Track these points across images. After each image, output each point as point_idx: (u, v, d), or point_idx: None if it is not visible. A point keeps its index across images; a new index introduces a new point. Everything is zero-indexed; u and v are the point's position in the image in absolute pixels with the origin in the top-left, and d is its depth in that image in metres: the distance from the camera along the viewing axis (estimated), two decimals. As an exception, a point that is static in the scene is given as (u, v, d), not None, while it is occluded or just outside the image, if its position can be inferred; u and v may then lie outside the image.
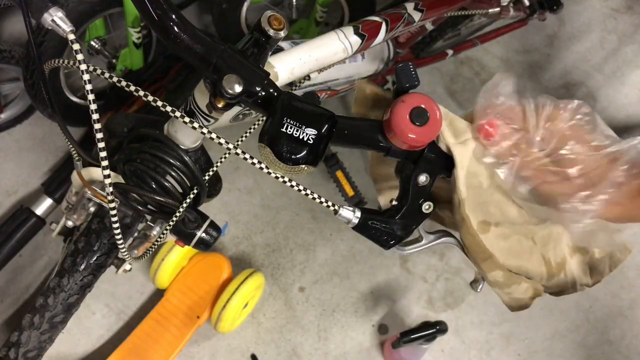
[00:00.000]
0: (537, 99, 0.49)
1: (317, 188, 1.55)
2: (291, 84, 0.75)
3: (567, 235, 0.54)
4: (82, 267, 0.92)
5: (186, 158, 0.68)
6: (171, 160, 0.68)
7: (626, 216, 0.46)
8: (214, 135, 0.47)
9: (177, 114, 0.48)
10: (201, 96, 0.60)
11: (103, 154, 0.50)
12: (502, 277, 0.53)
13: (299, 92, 0.82)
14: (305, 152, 0.45)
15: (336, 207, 0.49)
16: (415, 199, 0.51)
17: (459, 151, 0.49)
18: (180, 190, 0.70)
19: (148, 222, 0.85)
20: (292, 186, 0.49)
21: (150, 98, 0.48)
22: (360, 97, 0.56)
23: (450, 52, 1.39)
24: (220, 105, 0.48)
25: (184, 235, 0.80)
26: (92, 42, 1.36)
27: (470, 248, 0.53)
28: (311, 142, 0.45)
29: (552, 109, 0.48)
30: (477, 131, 0.50)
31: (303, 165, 0.46)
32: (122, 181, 0.71)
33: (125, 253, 0.71)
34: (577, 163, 0.47)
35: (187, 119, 0.47)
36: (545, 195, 0.48)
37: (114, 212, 0.58)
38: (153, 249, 0.81)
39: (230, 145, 0.47)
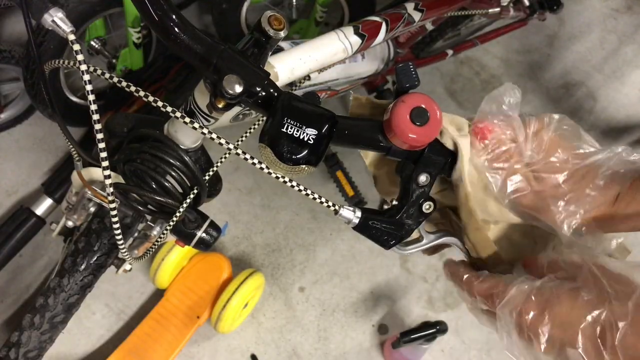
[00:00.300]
0: (522, 115, 0.51)
1: (317, 188, 1.55)
2: (291, 84, 0.75)
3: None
4: (83, 267, 0.92)
5: (186, 158, 0.68)
6: (171, 160, 0.68)
7: (611, 221, 0.48)
8: (214, 136, 0.47)
9: (177, 114, 0.48)
10: (201, 96, 0.60)
11: (103, 154, 0.50)
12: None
13: (299, 92, 0.82)
14: (305, 152, 0.45)
15: (336, 207, 0.49)
16: (416, 199, 0.51)
17: (464, 143, 0.49)
18: (180, 190, 0.70)
19: (148, 222, 0.85)
20: (292, 186, 0.49)
21: (151, 98, 0.48)
22: (356, 104, 0.56)
23: (450, 52, 1.39)
24: (220, 106, 0.48)
25: (184, 235, 0.80)
26: (92, 42, 1.36)
27: (477, 244, 0.53)
28: (311, 142, 0.45)
29: (538, 123, 0.50)
30: (472, 132, 0.50)
31: (303, 166, 0.46)
32: (122, 181, 0.71)
33: (126, 253, 0.71)
34: (564, 169, 0.49)
35: (187, 119, 0.47)
36: (534, 202, 0.49)
37: (114, 212, 0.57)
38: (153, 249, 0.81)
39: (231, 146, 0.47)
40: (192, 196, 0.70)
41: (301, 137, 0.45)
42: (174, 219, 0.70)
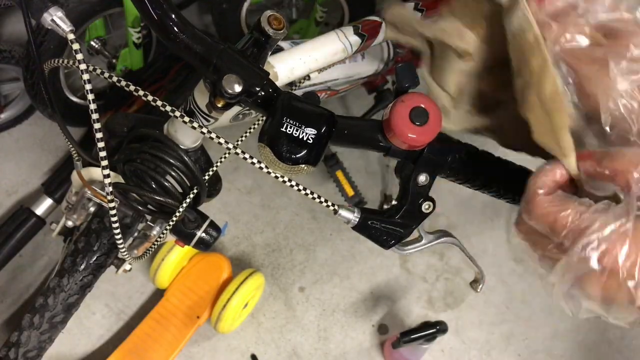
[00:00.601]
0: None
1: (317, 188, 1.55)
2: (291, 84, 0.75)
3: None
4: (82, 267, 0.92)
5: (186, 158, 0.68)
6: (171, 160, 0.68)
7: None
8: (213, 135, 0.47)
9: (177, 113, 0.48)
10: (201, 96, 0.60)
11: (103, 153, 0.51)
12: None
13: (298, 92, 0.82)
14: (304, 151, 0.45)
15: (336, 207, 0.49)
16: (415, 199, 0.51)
17: None
18: (180, 190, 0.70)
19: (148, 222, 0.85)
20: (292, 186, 0.49)
21: (150, 98, 0.48)
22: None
23: (450, 52, 1.39)
24: (220, 105, 0.48)
25: (183, 235, 0.80)
26: (92, 42, 1.36)
27: (552, 103, 0.41)
28: (311, 141, 0.45)
29: None
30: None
31: (303, 165, 0.46)
32: (122, 181, 0.71)
33: (125, 253, 0.71)
34: (627, 29, 0.40)
35: (187, 119, 0.47)
36: (589, 53, 0.41)
37: (113, 212, 0.58)
38: (153, 249, 0.81)
39: (230, 145, 0.48)
40: (191, 196, 0.70)
41: (300, 136, 0.45)
42: (174, 218, 0.70)
